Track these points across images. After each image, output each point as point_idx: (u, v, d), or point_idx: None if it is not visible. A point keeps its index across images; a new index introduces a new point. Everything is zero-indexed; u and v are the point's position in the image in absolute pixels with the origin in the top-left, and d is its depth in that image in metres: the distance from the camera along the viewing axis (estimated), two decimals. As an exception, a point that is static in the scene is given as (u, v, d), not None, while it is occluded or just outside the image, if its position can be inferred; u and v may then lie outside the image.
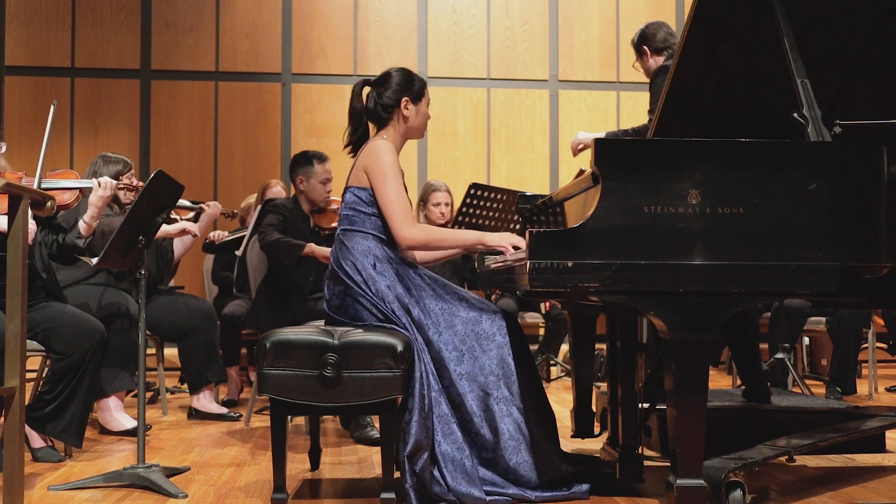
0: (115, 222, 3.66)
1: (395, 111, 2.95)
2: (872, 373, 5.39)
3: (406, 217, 2.81)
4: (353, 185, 2.90)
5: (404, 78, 2.97)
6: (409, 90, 2.95)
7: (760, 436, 2.95)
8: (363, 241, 2.83)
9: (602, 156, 2.31)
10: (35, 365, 3.82)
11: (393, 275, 2.79)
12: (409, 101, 2.94)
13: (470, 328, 2.73)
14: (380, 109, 2.95)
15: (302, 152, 4.51)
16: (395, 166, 2.85)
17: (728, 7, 2.77)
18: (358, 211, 2.86)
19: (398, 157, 2.91)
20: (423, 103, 2.99)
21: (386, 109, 2.95)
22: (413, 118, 2.96)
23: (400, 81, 2.96)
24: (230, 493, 2.84)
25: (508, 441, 2.69)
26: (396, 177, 2.83)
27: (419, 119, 2.99)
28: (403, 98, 2.93)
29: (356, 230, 2.85)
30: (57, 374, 3.32)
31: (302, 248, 4.16)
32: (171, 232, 4.36)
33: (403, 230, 2.80)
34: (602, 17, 8.07)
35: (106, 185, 3.53)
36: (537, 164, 7.94)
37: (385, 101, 2.94)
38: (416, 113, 2.96)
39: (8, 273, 2.30)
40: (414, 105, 2.96)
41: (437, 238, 2.90)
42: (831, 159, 2.35)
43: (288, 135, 7.72)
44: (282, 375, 2.58)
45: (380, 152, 2.86)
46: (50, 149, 7.33)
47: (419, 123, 2.99)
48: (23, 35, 7.55)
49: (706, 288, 2.30)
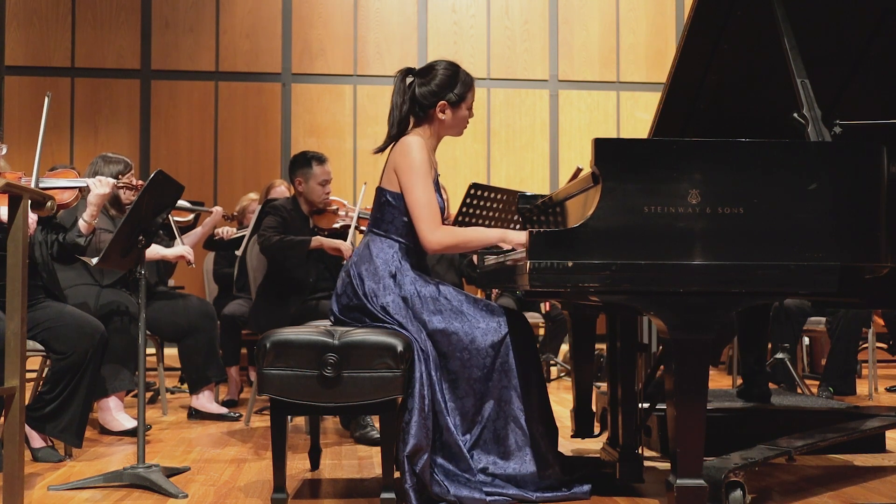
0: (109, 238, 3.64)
1: (430, 112, 2.84)
2: (872, 373, 5.39)
3: (433, 220, 2.73)
4: (385, 188, 2.84)
5: (447, 78, 2.82)
6: (449, 92, 2.80)
7: (760, 436, 2.95)
8: (388, 249, 2.80)
9: (602, 156, 2.31)
10: (35, 365, 3.82)
11: (412, 288, 2.76)
12: (446, 106, 2.81)
13: (483, 336, 2.71)
14: (417, 107, 2.84)
15: (301, 153, 4.50)
16: (425, 165, 2.76)
17: (728, 7, 2.77)
18: (386, 214, 2.82)
19: (432, 156, 2.84)
20: (462, 108, 2.83)
21: (423, 108, 2.84)
22: (449, 121, 2.85)
23: (441, 81, 2.81)
24: (230, 493, 2.84)
25: (511, 444, 2.69)
26: (426, 177, 2.75)
27: (455, 122, 2.85)
28: (440, 102, 2.81)
29: (383, 235, 2.82)
30: (57, 374, 3.32)
31: (309, 243, 4.14)
32: (167, 256, 4.36)
33: (430, 233, 2.73)
34: (602, 17, 8.07)
35: (104, 183, 3.51)
36: (537, 164, 7.94)
37: (421, 101, 2.82)
38: (452, 117, 2.83)
39: (8, 273, 2.30)
40: (452, 109, 2.82)
41: (464, 240, 2.79)
42: (831, 159, 2.35)
43: (288, 135, 7.72)
44: (282, 375, 2.58)
45: (410, 150, 2.76)
46: (50, 148, 7.39)
47: (456, 125, 2.87)
48: (23, 35, 7.55)
49: (706, 288, 2.30)
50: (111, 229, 4.03)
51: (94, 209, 3.49)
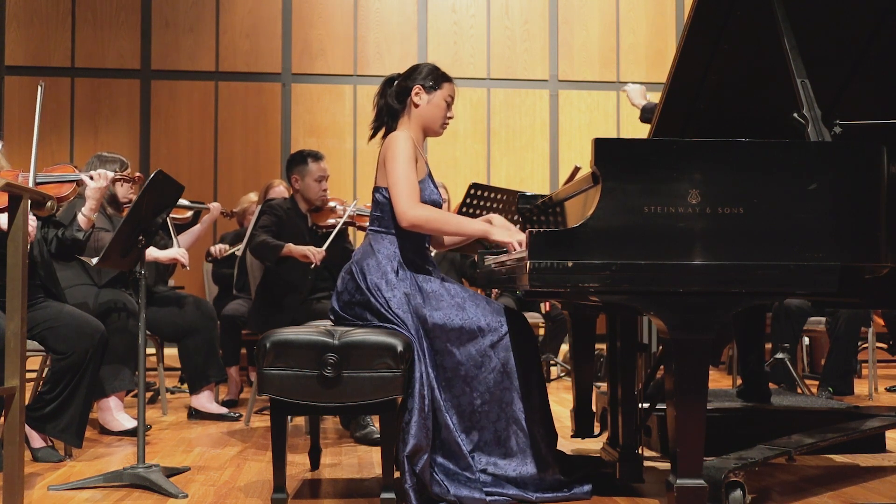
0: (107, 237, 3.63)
1: (407, 100, 2.91)
2: (872, 373, 5.39)
3: (411, 195, 2.75)
4: (379, 185, 2.88)
5: (425, 71, 2.93)
6: (425, 79, 2.90)
7: (760, 436, 2.95)
8: (390, 245, 2.82)
9: (602, 156, 2.31)
10: (35, 365, 3.82)
11: (414, 283, 2.77)
12: (421, 89, 2.89)
13: (484, 336, 2.70)
14: (395, 100, 2.92)
15: (297, 151, 4.51)
16: (407, 151, 2.79)
17: (728, 7, 2.77)
18: (383, 210, 2.85)
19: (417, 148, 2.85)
20: (437, 95, 2.90)
21: (399, 98, 2.92)
22: (424, 106, 2.89)
23: (419, 73, 2.92)
24: (230, 493, 2.84)
25: (512, 445, 2.69)
26: (407, 162, 2.77)
27: (431, 109, 2.90)
28: (416, 85, 2.89)
29: (384, 231, 2.84)
30: (57, 374, 3.32)
31: (280, 249, 4.17)
32: (160, 258, 4.35)
33: (405, 206, 2.74)
34: (602, 17, 8.07)
35: (102, 177, 3.52)
36: (537, 164, 7.94)
37: (398, 91, 2.92)
38: (427, 102, 2.89)
39: (8, 273, 2.30)
40: (426, 94, 2.89)
41: (442, 220, 2.80)
42: (831, 159, 2.35)
43: (288, 135, 7.72)
44: (282, 375, 2.58)
45: (395, 142, 2.81)
46: (50, 148, 7.39)
47: (431, 114, 2.91)
48: (23, 35, 7.55)
49: (706, 288, 2.30)
50: (109, 228, 4.03)
51: (94, 203, 3.49)
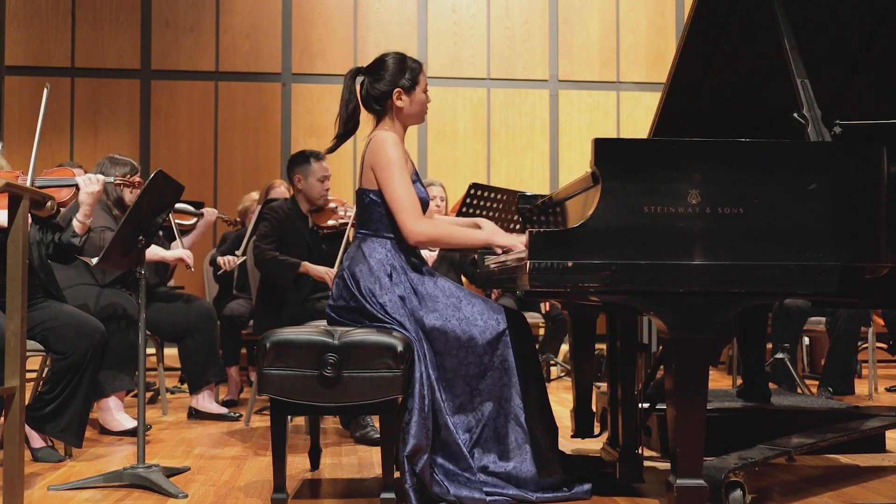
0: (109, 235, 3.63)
1: (387, 103, 2.87)
2: (872, 373, 5.38)
3: (414, 211, 2.74)
4: (366, 188, 2.83)
5: (396, 66, 2.85)
6: (401, 80, 2.84)
7: (760, 436, 2.95)
8: (381, 248, 2.79)
9: (602, 156, 2.31)
10: (35, 365, 3.82)
11: (408, 286, 2.75)
12: (401, 93, 2.85)
13: (482, 334, 2.70)
14: (373, 102, 2.88)
15: (299, 151, 4.52)
16: (401, 159, 2.78)
17: (728, 7, 2.78)
18: (373, 213, 2.81)
19: (404, 148, 2.85)
20: (417, 91, 2.86)
21: (379, 102, 2.87)
22: (408, 107, 2.87)
23: (392, 71, 2.84)
24: (230, 493, 2.84)
25: (511, 443, 2.69)
26: (402, 170, 2.76)
27: (415, 107, 2.88)
28: (395, 90, 2.85)
29: (372, 234, 2.82)
30: (57, 374, 3.32)
31: (297, 268, 4.20)
32: (166, 257, 4.38)
33: (411, 224, 2.73)
34: (602, 17, 8.07)
35: (94, 181, 3.47)
36: (537, 164, 7.94)
37: (376, 94, 2.86)
38: (410, 102, 2.87)
39: (8, 273, 2.30)
40: (407, 95, 2.86)
41: (447, 234, 2.80)
42: (831, 159, 2.35)
43: (288, 135, 7.72)
44: (282, 375, 2.58)
45: (384, 146, 2.78)
46: (50, 149, 7.39)
47: (416, 111, 2.89)
48: (23, 35, 7.55)
49: (706, 288, 2.30)
50: (115, 228, 4.03)
51: (87, 208, 3.46)
